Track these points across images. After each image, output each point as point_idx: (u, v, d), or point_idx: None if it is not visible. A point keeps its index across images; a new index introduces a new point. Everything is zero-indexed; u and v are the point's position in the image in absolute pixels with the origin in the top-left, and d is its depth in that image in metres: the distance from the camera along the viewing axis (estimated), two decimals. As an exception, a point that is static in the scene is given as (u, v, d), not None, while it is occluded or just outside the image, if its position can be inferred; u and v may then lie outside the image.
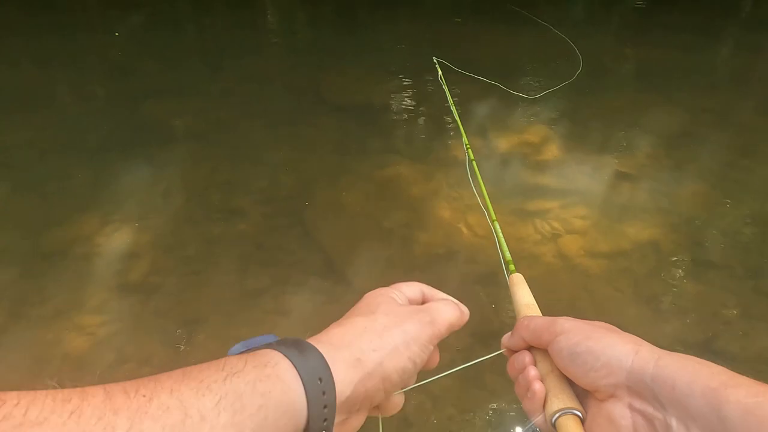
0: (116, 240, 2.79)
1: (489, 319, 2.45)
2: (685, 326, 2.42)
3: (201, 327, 2.38)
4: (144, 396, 0.35)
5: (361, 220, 3.03)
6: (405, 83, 4.65)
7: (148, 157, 3.45)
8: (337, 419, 0.45)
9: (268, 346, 0.45)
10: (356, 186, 3.31)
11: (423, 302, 0.59)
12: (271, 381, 0.41)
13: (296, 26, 6.41)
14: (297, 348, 0.44)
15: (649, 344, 0.50)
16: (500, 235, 1.11)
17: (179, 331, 2.34)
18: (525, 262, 2.77)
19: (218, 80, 4.64)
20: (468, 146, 1.81)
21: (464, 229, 2.96)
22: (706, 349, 2.35)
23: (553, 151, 3.58)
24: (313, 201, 3.15)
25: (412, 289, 0.59)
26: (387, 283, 0.60)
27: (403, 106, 4.30)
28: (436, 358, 0.57)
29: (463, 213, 3.08)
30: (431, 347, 0.53)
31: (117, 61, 4.97)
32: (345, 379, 0.45)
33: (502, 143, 3.69)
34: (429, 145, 3.71)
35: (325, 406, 0.43)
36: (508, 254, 1.02)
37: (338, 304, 2.51)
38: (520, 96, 4.14)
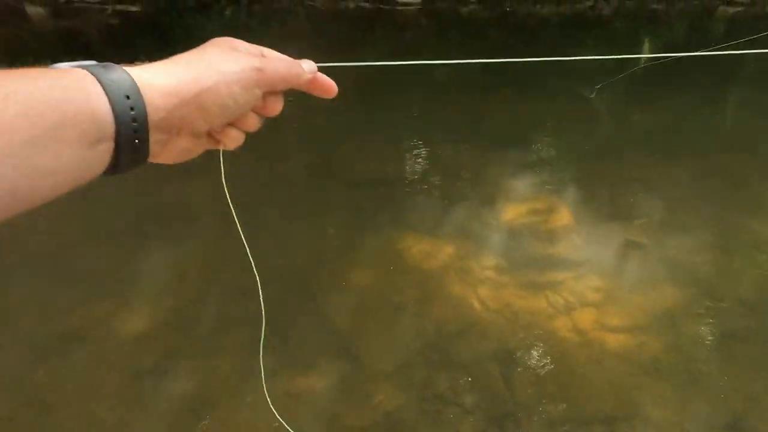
0: (131, 322, 2.83)
1: (503, 399, 2.39)
2: (711, 404, 2.33)
3: (211, 412, 2.36)
4: None
5: (372, 296, 3.03)
6: (414, 157, 4.78)
7: (165, 237, 3.55)
8: (155, 137, 0.51)
9: (79, 65, 0.48)
10: (367, 261, 3.35)
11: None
12: (72, 90, 0.44)
13: (309, 102, 6.70)
14: (104, 67, 0.48)
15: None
16: None
17: (189, 417, 2.33)
18: (539, 339, 2.73)
19: (234, 159, 4.81)
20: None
21: (476, 304, 2.95)
22: (735, 429, 2.25)
23: (561, 219, 3.60)
24: (324, 278, 3.18)
25: (253, 46, 0.61)
26: (402, 364, 0.61)
27: (412, 180, 4.40)
28: (276, 107, 0.62)
29: (474, 287, 3.07)
30: (258, 92, 0.58)
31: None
32: (159, 103, 0.50)
33: (510, 212, 3.73)
34: (438, 218, 3.76)
35: (134, 120, 0.47)
36: None
37: (350, 383, 2.48)
38: (526, 161, 4.22)
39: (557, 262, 3.21)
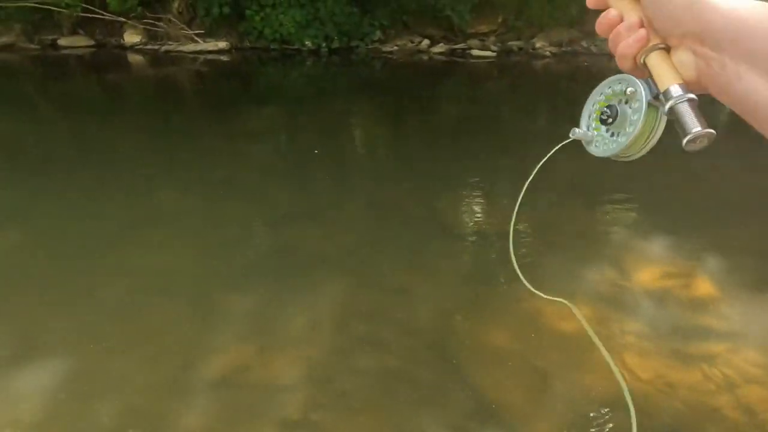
0: (272, 370, 2.83)
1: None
2: None
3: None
4: None
5: (513, 359, 2.92)
6: (516, 207, 4.71)
7: (290, 284, 3.58)
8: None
9: None
10: (496, 320, 3.26)
11: None
12: None
13: (404, 152, 6.81)
14: None
15: None
16: None
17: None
18: (701, 415, 2.54)
19: (344, 206, 4.87)
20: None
21: (625, 374, 2.78)
22: None
23: (704, 287, 3.41)
24: (459, 337, 3.10)
25: None
26: None
27: (524, 233, 4.31)
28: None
29: (619, 353, 2.92)
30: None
31: (248, 187, 5.36)
32: None
33: (642, 275, 3.57)
34: (563, 277, 3.64)
35: None
36: None
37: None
38: (644, 220, 4.06)
39: (706, 332, 3.02)
